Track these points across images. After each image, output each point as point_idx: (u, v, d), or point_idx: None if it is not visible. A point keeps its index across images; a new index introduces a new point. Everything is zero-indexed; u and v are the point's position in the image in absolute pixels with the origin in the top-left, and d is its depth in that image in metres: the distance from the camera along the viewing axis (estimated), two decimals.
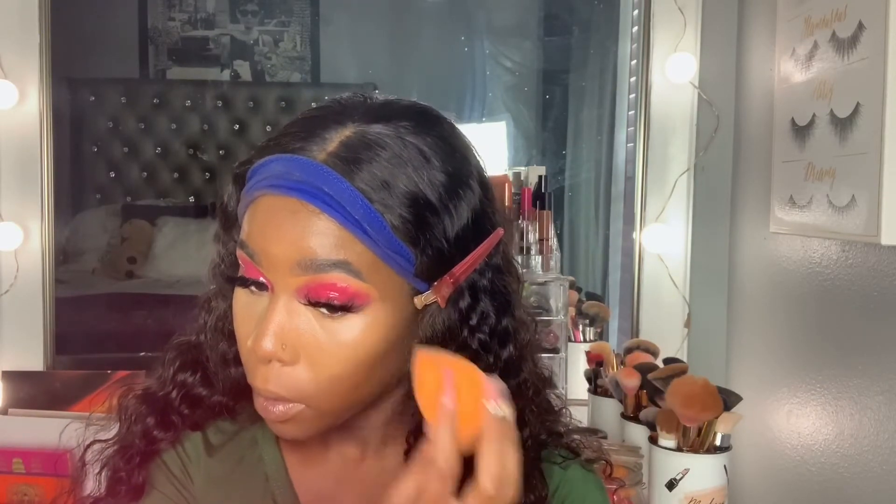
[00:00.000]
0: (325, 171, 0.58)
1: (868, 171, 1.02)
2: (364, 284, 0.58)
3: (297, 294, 0.59)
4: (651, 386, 1.30)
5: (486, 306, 0.64)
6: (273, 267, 0.59)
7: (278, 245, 0.58)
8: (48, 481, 1.46)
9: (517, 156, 2.39)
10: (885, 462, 1.05)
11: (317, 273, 0.58)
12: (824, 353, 1.23)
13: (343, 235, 0.58)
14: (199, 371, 0.72)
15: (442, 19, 2.57)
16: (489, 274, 0.65)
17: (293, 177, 0.58)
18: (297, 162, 0.59)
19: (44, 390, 1.57)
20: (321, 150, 0.59)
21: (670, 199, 1.64)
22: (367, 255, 0.58)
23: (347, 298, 0.58)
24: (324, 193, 0.57)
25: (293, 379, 0.60)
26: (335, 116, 0.61)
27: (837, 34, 1.12)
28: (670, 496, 1.21)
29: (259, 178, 0.60)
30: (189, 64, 2.73)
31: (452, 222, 0.61)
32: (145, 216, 2.55)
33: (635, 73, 1.75)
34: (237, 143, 2.68)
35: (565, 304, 1.51)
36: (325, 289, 0.58)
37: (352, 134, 0.60)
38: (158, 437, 0.71)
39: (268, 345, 0.59)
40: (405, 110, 0.63)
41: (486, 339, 0.64)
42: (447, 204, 0.61)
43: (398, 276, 0.60)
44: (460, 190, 0.62)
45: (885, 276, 1.06)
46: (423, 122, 0.63)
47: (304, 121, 0.63)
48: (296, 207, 0.58)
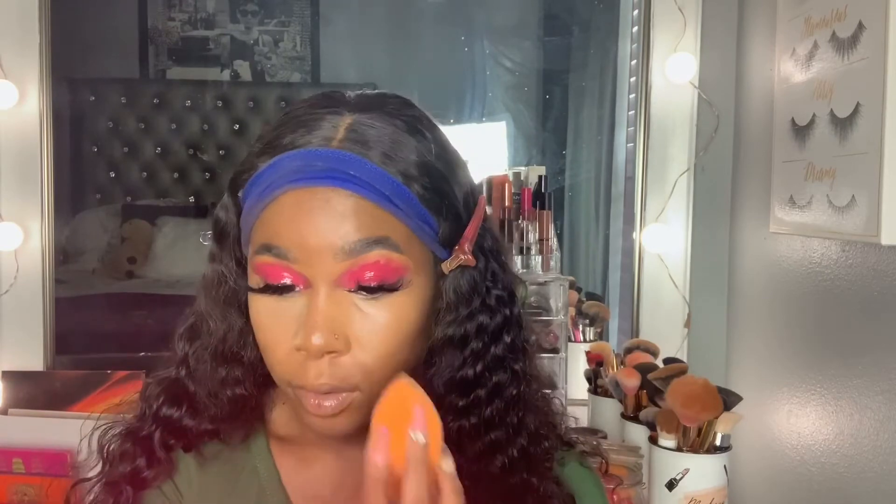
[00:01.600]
0: (346, 156, 0.59)
1: (868, 171, 1.02)
2: (403, 257, 0.60)
3: (340, 281, 0.59)
4: (651, 386, 1.30)
5: (493, 265, 0.68)
6: (311, 259, 0.59)
7: (317, 235, 0.58)
8: (48, 481, 1.46)
9: (517, 156, 2.39)
10: (885, 462, 1.05)
11: (360, 254, 0.59)
12: (824, 353, 1.23)
13: (378, 213, 0.59)
14: (184, 404, 0.70)
15: (442, 19, 2.57)
16: (488, 236, 0.68)
17: (316, 167, 0.59)
18: (314, 154, 0.59)
19: (44, 390, 1.56)
20: (331, 138, 0.60)
21: (670, 199, 1.64)
22: (402, 228, 0.60)
23: (392, 274, 0.60)
24: (352, 177, 0.58)
25: (347, 367, 0.60)
26: (328, 109, 0.62)
27: (837, 34, 1.12)
28: (670, 496, 1.21)
29: (274, 178, 0.60)
30: (189, 64, 2.73)
31: (460, 188, 0.64)
32: (145, 216, 2.55)
33: (635, 73, 1.75)
34: (237, 143, 2.68)
35: (565, 304, 1.51)
36: (368, 268, 0.59)
37: (351, 121, 0.61)
38: (145, 476, 0.70)
39: (319, 339, 0.59)
40: (382, 97, 0.65)
41: (503, 295, 0.68)
42: (452, 170, 0.64)
43: (426, 247, 0.62)
44: (456, 161, 0.66)
45: (885, 276, 1.05)
46: (403, 104, 0.65)
47: (296, 119, 0.63)
48: (327, 195, 0.58)
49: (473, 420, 0.66)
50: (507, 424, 0.67)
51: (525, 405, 0.68)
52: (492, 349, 0.66)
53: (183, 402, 0.70)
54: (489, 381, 0.66)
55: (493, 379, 0.66)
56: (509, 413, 0.67)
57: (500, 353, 0.67)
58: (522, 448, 0.68)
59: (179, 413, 0.70)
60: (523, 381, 0.68)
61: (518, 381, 0.68)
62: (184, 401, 0.70)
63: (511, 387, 0.67)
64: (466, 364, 0.66)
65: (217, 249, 0.67)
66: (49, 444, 1.48)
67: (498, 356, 0.67)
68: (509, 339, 0.67)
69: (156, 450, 0.70)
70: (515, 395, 0.67)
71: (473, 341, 0.65)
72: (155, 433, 0.70)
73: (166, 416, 0.70)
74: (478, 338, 0.66)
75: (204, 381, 0.69)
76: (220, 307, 0.68)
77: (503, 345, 0.67)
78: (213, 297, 0.68)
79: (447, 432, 0.62)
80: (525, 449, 0.68)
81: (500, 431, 0.67)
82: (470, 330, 0.65)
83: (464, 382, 0.66)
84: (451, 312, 0.65)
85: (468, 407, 0.66)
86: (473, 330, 0.65)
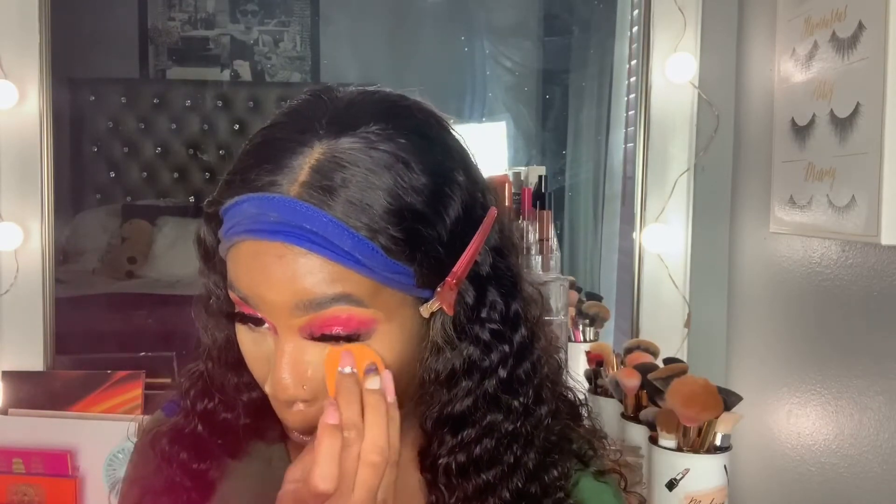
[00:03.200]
0: (302, 208, 0.54)
1: (868, 171, 1.02)
2: (368, 310, 0.57)
3: (301, 333, 0.58)
4: (651, 386, 1.30)
5: (493, 295, 0.63)
6: (271, 311, 0.58)
7: (271, 291, 0.56)
8: (48, 481, 1.46)
9: (517, 156, 2.39)
10: (885, 462, 1.05)
11: (318, 311, 0.56)
12: (824, 353, 1.23)
13: (336, 269, 0.55)
14: (215, 396, 0.70)
15: (442, 19, 2.56)
16: (490, 259, 0.63)
17: (270, 218, 0.55)
18: (270, 201, 0.55)
19: (44, 390, 1.56)
20: (292, 181, 0.55)
21: (670, 199, 1.64)
22: (365, 282, 0.56)
23: (353, 329, 0.57)
24: (306, 231, 0.54)
25: (318, 414, 0.59)
26: (298, 137, 0.57)
27: (837, 34, 1.12)
28: (670, 496, 1.21)
29: (234, 222, 0.57)
30: (189, 64, 2.72)
31: (445, 224, 0.58)
32: (145, 216, 2.55)
33: (635, 73, 1.75)
34: (237, 143, 2.64)
35: (565, 304, 1.50)
36: (328, 324, 0.57)
37: (321, 157, 0.56)
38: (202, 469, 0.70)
39: (287, 390, 0.58)
40: (372, 111, 0.59)
41: (500, 328, 0.63)
42: (436, 207, 0.58)
43: (400, 293, 0.58)
44: (446, 188, 0.59)
45: (885, 276, 1.05)
46: (394, 121, 0.59)
47: (265, 146, 0.59)
48: (281, 251, 0.55)
49: (461, 459, 0.63)
50: (501, 464, 0.63)
51: (526, 442, 0.64)
52: (484, 385, 0.62)
53: (213, 396, 0.70)
54: (481, 418, 0.62)
55: (486, 417, 0.62)
56: (504, 453, 0.63)
57: (492, 390, 0.62)
58: (518, 489, 0.64)
59: (214, 405, 0.70)
60: (522, 416, 0.64)
61: (516, 417, 0.63)
62: (214, 394, 0.70)
63: (507, 423, 0.63)
64: (454, 401, 0.62)
65: (203, 266, 0.66)
66: (49, 444, 1.48)
67: (490, 393, 0.62)
68: (505, 373, 0.63)
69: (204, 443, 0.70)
70: (512, 431, 0.63)
71: (463, 379, 0.62)
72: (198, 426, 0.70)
73: (204, 410, 0.70)
74: (467, 375, 0.62)
75: (224, 382, 0.69)
76: (214, 319, 0.67)
77: (497, 380, 0.63)
78: (207, 310, 0.67)
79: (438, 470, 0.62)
80: (522, 490, 0.64)
81: (493, 472, 0.63)
82: (457, 366, 0.61)
83: (451, 420, 0.62)
84: (435, 352, 0.61)
85: (456, 446, 0.63)
86: (462, 366, 0.61)
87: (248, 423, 0.71)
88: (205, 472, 0.71)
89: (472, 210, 0.61)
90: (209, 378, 0.70)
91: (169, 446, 0.71)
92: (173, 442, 0.71)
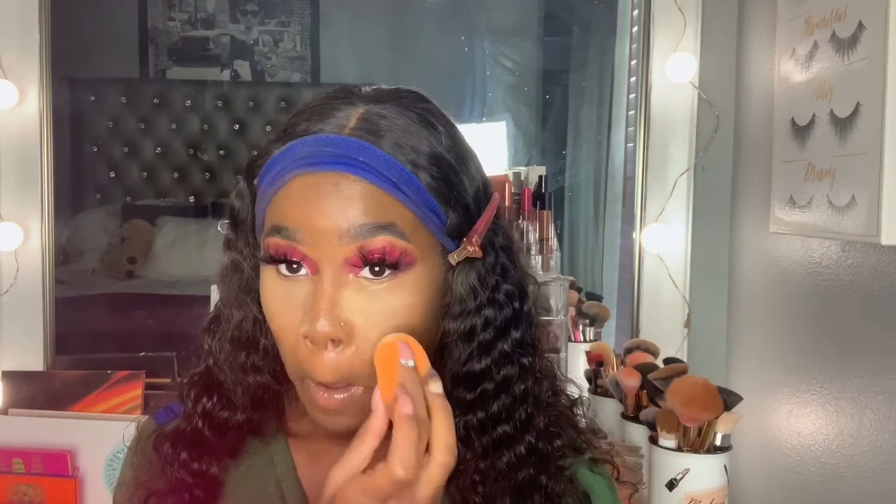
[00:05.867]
0: (356, 143, 0.60)
1: (868, 171, 1.02)
2: (409, 244, 0.61)
3: (345, 264, 0.60)
4: (651, 386, 1.30)
5: (504, 260, 0.68)
6: (318, 242, 0.60)
7: (324, 218, 0.59)
8: (48, 481, 1.46)
9: (517, 156, 2.39)
10: (885, 462, 1.05)
11: (366, 238, 0.60)
12: (824, 353, 1.23)
13: (385, 199, 0.60)
14: (214, 395, 0.72)
15: (442, 19, 2.56)
16: (501, 231, 0.68)
17: (326, 152, 0.60)
18: (325, 140, 0.61)
19: (44, 390, 1.56)
20: (343, 126, 0.61)
21: (670, 199, 1.64)
22: (408, 215, 0.61)
23: (397, 256, 0.60)
24: (361, 162, 0.59)
25: (351, 360, 0.61)
26: (342, 100, 0.64)
27: (837, 34, 1.12)
28: (670, 496, 1.21)
29: (286, 163, 0.61)
30: (189, 64, 2.72)
31: (470, 181, 0.65)
32: (145, 216, 2.55)
33: (635, 73, 1.75)
34: (237, 143, 2.68)
35: (565, 304, 1.50)
36: (376, 252, 0.60)
37: (364, 111, 0.62)
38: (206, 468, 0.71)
39: (324, 326, 0.59)
40: (397, 91, 0.67)
41: (512, 290, 0.68)
42: (464, 163, 0.65)
43: (433, 236, 0.63)
44: (467, 157, 0.66)
45: (885, 276, 1.06)
46: (418, 98, 0.66)
47: (311, 109, 0.64)
48: (336, 179, 0.60)
49: (480, 415, 0.66)
50: (515, 420, 0.67)
51: (535, 401, 0.68)
52: (499, 344, 0.66)
53: (213, 394, 0.72)
54: (497, 375, 0.66)
55: (500, 373, 0.66)
56: (517, 409, 0.67)
57: (507, 349, 0.67)
58: (531, 445, 0.67)
59: (213, 404, 0.72)
60: (531, 376, 0.68)
61: (526, 377, 0.67)
62: (213, 393, 0.72)
63: (519, 382, 0.67)
64: (473, 358, 0.66)
65: (232, 236, 0.69)
66: (49, 444, 1.48)
67: (506, 351, 0.67)
68: (518, 334, 0.67)
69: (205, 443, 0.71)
70: (524, 390, 0.67)
71: (480, 335, 0.66)
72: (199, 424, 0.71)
73: (204, 409, 0.72)
74: (485, 332, 0.66)
75: (227, 368, 0.70)
76: (235, 295, 0.69)
77: (511, 340, 0.67)
78: (229, 285, 0.70)
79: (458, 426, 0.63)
80: (534, 446, 0.67)
81: (508, 427, 0.66)
82: (477, 323, 0.65)
83: (471, 376, 0.66)
84: (457, 305, 0.65)
85: (475, 401, 0.66)
86: (480, 324, 0.65)
87: (247, 419, 0.71)
88: (208, 471, 0.71)
89: (485, 186, 0.68)
90: (209, 375, 0.71)
91: (172, 448, 0.72)
92: (176, 443, 0.72)
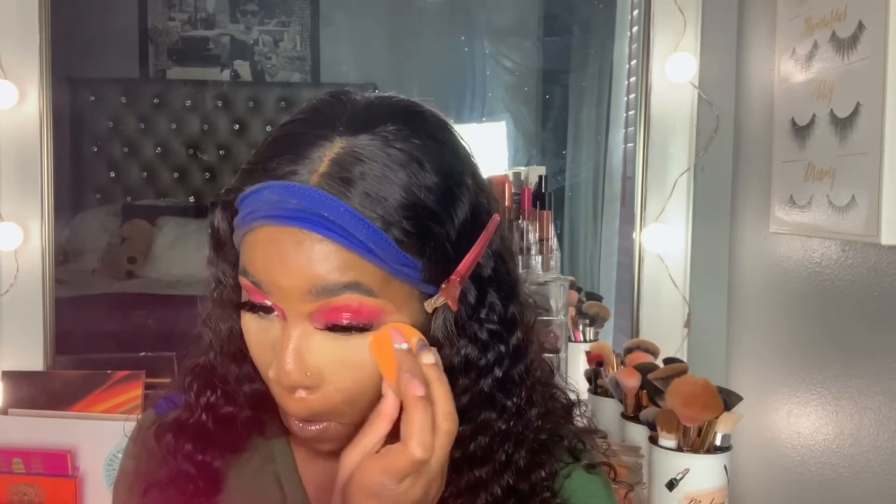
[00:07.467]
0: (321, 196, 0.57)
1: (868, 171, 1.02)
2: (377, 301, 0.59)
3: (311, 319, 0.59)
4: (651, 386, 1.30)
5: (493, 297, 0.65)
6: (283, 296, 0.59)
7: (286, 276, 0.58)
8: (48, 481, 1.46)
9: (517, 156, 2.39)
10: (885, 462, 1.05)
11: (329, 297, 0.58)
12: (824, 353, 1.23)
13: (350, 258, 0.57)
14: (217, 389, 0.71)
15: (442, 19, 2.56)
16: (492, 262, 0.65)
17: (290, 205, 0.57)
18: (291, 189, 0.57)
19: (44, 390, 1.56)
20: (312, 171, 0.58)
21: (670, 199, 1.64)
22: (377, 272, 0.58)
23: (363, 318, 0.59)
24: (325, 219, 0.57)
25: (322, 401, 0.61)
26: (319, 131, 0.60)
27: (837, 34, 1.12)
28: (670, 496, 1.21)
29: (253, 208, 0.59)
30: (189, 64, 2.72)
31: (453, 223, 0.61)
32: (145, 216, 2.55)
33: (635, 73, 1.75)
34: (237, 143, 2.68)
35: (565, 304, 1.51)
36: (339, 311, 0.58)
37: (340, 150, 0.58)
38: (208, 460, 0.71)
39: (290, 376, 0.59)
40: (389, 112, 0.62)
41: (497, 329, 0.65)
42: (446, 207, 0.61)
43: (408, 286, 0.60)
44: (456, 189, 0.62)
45: (885, 276, 1.05)
46: (409, 123, 0.61)
47: (286, 139, 0.61)
48: (299, 237, 0.57)
49: (457, 455, 0.64)
50: (493, 461, 0.65)
51: (517, 441, 0.66)
52: (480, 383, 0.65)
53: (216, 388, 0.71)
54: (476, 416, 0.65)
55: (481, 414, 0.65)
56: (496, 450, 0.65)
57: (487, 389, 0.65)
58: (509, 486, 0.66)
59: (216, 398, 0.71)
60: (515, 416, 0.66)
61: (509, 417, 0.65)
62: (216, 387, 0.71)
63: (500, 422, 0.65)
64: None
65: (213, 255, 0.67)
66: (49, 444, 1.48)
67: (486, 392, 0.65)
68: (500, 373, 0.65)
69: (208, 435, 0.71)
70: (504, 430, 0.65)
71: (460, 376, 0.64)
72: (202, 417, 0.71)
73: (207, 403, 0.71)
74: (465, 373, 0.64)
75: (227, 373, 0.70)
76: (220, 309, 0.69)
77: (492, 379, 0.65)
78: (214, 300, 0.69)
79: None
80: (512, 487, 0.66)
81: (486, 469, 0.65)
82: (457, 363, 0.63)
83: None
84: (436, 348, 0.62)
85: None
86: (461, 364, 0.64)
87: (250, 416, 0.71)
88: (210, 463, 0.71)
89: (478, 214, 0.64)
90: (211, 369, 0.71)
91: (174, 439, 0.72)
92: (178, 434, 0.72)
